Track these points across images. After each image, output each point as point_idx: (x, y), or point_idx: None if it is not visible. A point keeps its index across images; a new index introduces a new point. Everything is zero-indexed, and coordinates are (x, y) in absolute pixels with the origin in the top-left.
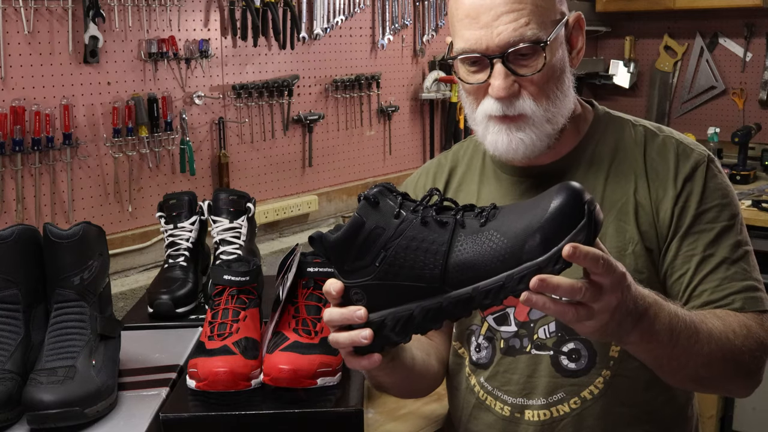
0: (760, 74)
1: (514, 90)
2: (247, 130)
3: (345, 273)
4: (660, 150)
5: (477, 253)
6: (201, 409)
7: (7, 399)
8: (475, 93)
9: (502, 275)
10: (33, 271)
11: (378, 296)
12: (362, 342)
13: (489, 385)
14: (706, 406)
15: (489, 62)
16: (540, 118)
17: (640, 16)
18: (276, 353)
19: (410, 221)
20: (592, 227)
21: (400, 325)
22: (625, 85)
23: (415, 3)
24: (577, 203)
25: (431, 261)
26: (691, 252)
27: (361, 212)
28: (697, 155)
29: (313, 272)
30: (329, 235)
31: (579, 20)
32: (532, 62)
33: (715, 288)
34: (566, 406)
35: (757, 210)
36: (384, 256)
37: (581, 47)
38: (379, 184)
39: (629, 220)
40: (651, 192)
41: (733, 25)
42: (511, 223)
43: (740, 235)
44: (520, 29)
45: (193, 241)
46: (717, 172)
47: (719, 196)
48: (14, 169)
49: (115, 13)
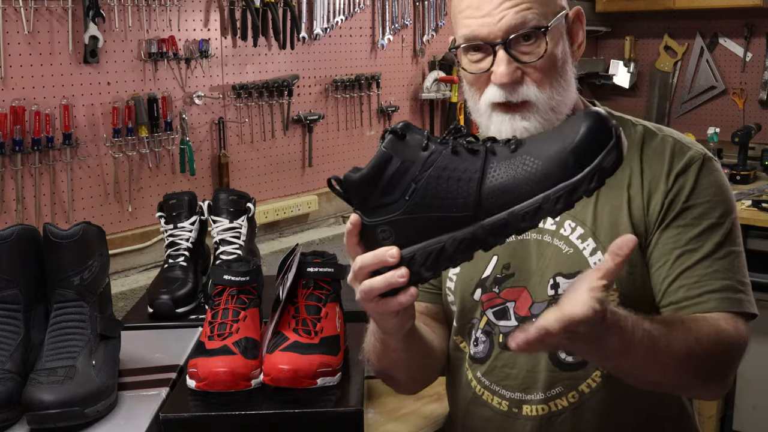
0: (760, 74)
1: (516, 76)
2: (247, 130)
3: (369, 211)
4: (657, 148)
5: (511, 177)
6: (201, 409)
7: (7, 399)
8: (477, 82)
9: (539, 196)
10: (33, 271)
11: (407, 232)
12: (399, 282)
13: (486, 380)
14: (707, 406)
15: (491, 50)
16: (544, 105)
17: (640, 16)
18: (276, 353)
19: (440, 152)
20: (621, 147)
21: (432, 260)
22: (625, 85)
23: (415, 3)
24: (605, 126)
25: (464, 189)
26: (673, 245)
27: (389, 146)
28: (693, 152)
29: (313, 272)
30: (352, 174)
31: (579, 14)
32: (534, 49)
33: (693, 284)
34: (564, 401)
35: (757, 210)
36: (414, 188)
37: (582, 41)
38: (403, 121)
39: (622, 214)
40: (644, 187)
41: (733, 25)
42: (543, 147)
43: (729, 235)
44: (522, 13)
45: (193, 241)
46: (713, 171)
47: (711, 193)
48: (14, 169)
49: (115, 13)
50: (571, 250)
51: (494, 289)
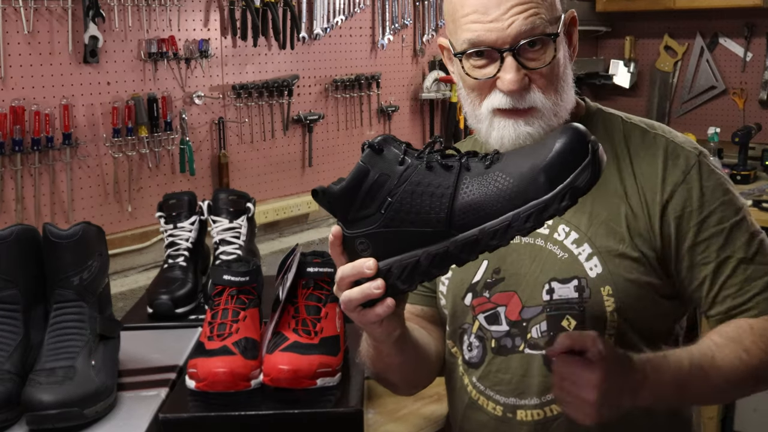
0: (760, 74)
1: (524, 83)
2: (247, 130)
3: (349, 223)
4: (649, 148)
5: (483, 194)
6: (200, 410)
7: (7, 399)
8: (480, 88)
9: (508, 214)
10: (32, 271)
11: (383, 244)
12: (375, 293)
13: (481, 384)
14: (708, 408)
15: (499, 56)
16: (549, 111)
17: (641, 16)
18: (276, 353)
19: (415, 167)
20: (596, 165)
21: (407, 273)
22: (626, 85)
23: (415, 3)
24: (581, 142)
25: (437, 205)
26: (706, 260)
27: (366, 160)
28: (687, 154)
29: (313, 272)
30: (333, 186)
31: (574, 17)
32: (542, 55)
33: (737, 293)
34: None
35: (757, 210)
36: (389, 202)
37: (576, 44)
38: (382, 134)
39: (620, 222)
40: (642, 198)
41: (733, 25)
42: (517, 164)
43: (751, 227)
44: (531, 19)
45: (192, 241)
46: (711, 169)
47: (720, 194)
48: (14, 169)
49: (115, 13)
50: (566, 255)
51: (485, 293)
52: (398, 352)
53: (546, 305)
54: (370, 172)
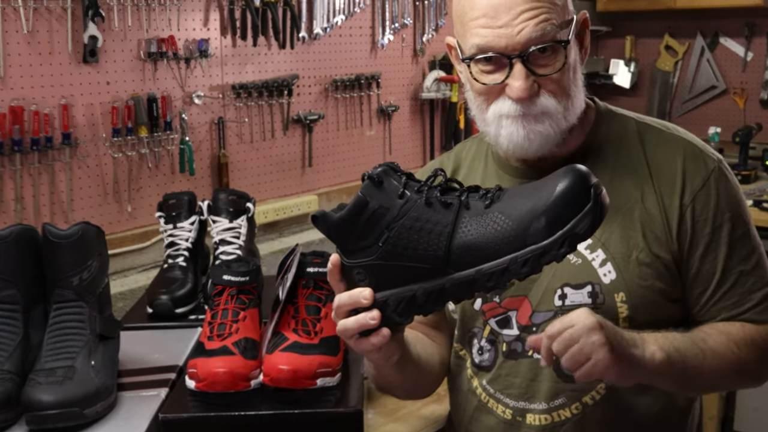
0: (761, 74)
1: (534, 90)
2: (247, 130)
3: (348, 252)
4: (667, 147)
5: (481, 235)
6: (200, 410)
7: (6, 399)
8: (487, 93)
9: (506, 258)
10: (32, 272)
11: (381, 276)
12: (370, 324)
13: (491, 387)
14: (707, 407)
15: (508, 61)
16: (560, 114)
17: (641, 16)
18: (275, 353)
19: (414, 201)
20: (598, 211)
21: (403, 306)
22: (626, 85)
23: (415, 3)
24: (583, 186)
25: (435, 242)
26: (712, 269)
27: (365, 191)
28: (707, 160)
29: (313, 272)
30: (332, 214)
31: (585, 19)
32: (552, 61)
33: (735, 304)
34: (567, 411)
35: (758, 210)
36: (387, 236)
37: (587, 45)
38: (384, 163)
39: (635, 226)
40: (659, 200)
41: (733, 25)
42: (517, 205)
43: (753, 241)
44: (541, 25)
45: (192, 241)
46: (728, 178)
47: (734, 203)
48: (13, 169)
49: (115, 13)
50: (579, 260)
51: (495, 298)
52: (399, 372)
53: (558, 310)
54: (369, 204)
